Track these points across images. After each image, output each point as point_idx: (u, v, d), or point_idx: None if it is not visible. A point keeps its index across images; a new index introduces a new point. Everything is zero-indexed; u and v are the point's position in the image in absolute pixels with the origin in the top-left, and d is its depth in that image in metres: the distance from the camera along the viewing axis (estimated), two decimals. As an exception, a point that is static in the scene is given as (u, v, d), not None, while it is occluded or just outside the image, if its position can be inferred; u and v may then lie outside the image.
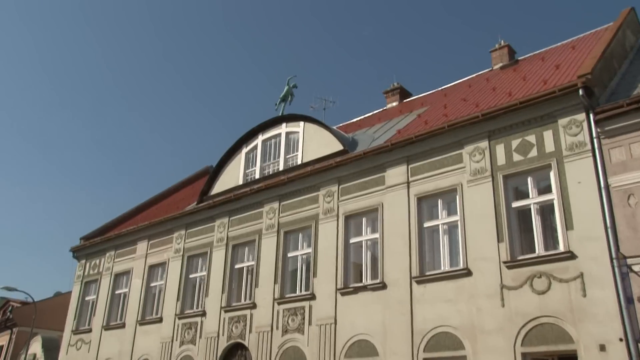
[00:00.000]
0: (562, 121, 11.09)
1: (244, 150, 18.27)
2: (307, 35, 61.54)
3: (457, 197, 12.12)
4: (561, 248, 10.40)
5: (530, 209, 11.21)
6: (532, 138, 11.46)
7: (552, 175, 10.94)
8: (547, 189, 11.11)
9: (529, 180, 11.36)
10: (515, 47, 19.01)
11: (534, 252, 10.84)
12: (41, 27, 59.54)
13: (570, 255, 10.16)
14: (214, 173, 18.81)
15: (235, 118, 59.41)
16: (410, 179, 13.06)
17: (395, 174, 13.40)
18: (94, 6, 59.93)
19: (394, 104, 21.23)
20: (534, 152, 11.33)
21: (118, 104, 61.20)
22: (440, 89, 19.53)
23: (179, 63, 61.66)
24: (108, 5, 59.67)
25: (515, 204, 11.37)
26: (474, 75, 18.80)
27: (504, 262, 10.92)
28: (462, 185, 12.09)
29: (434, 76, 55.20)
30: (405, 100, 21.16)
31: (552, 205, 10.91)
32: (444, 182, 12.43)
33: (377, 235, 13.32)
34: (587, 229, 10.07)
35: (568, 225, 10.38)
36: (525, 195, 11.42)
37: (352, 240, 13.86)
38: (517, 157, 11.55)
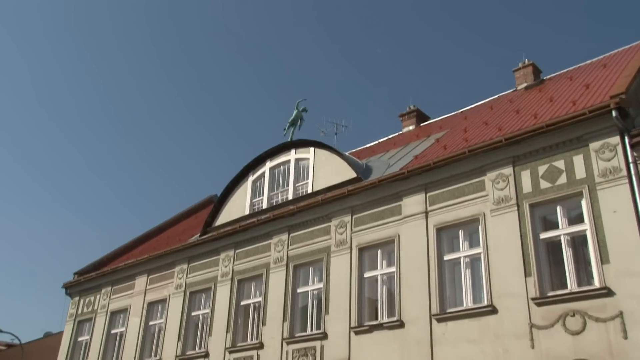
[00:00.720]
0: (594, 145, 10.96)
1: (251, 179, 18.32)
2: (317, 54, 62.06)
3: (480, 227, 11.98)
4: (596, 284, 10.13)
5: (560, 240, 11.01)
6: (560, 164, 11.32)
7: (584, 204, 10.77)
8: (579, 219, 10.93)
9: (559, 209, 11.17)
10: (541, 66, 18.94)
11: (566, 287, 10.59)
12: (34, 47, 60.71)
13: (607, 292, 9.90)
14: (219, 203, 18.82)
15: (241, 144, 59.67)
16: (429, 209, 12.97)
17: (413, 203, 13.32)
18: (93, 29, 61.12)
19: (410, 127, 21.25)
20: (563, 179, 11.17)
21: (114, 128, 61.56)
22: (459, 111, 19.53)
23: (181, 84, 62.36)
24: (107, 26, 60.97)
25: (543, 235, 11.18)
26: (496, 96, 18.80)
27: (533, 299, 10.67)
28: (484, 214, 11.97)
29: (452, 98, 55.23)
30: (422, 124, 21.18)
31: (585, 236, 10.71)
32: (465, 211, 12.31)
33: (393, 269, 13.21)
34: (625, 262, 9.81)
35: (603, 258, 10.14)
36: (554, 225, 11.23)
37: (367, 275, 13.74)
38: (544, 184, 11.41)
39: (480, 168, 12.41)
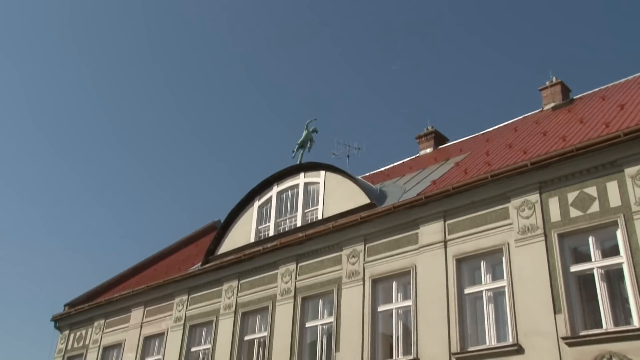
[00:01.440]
0: (630, 170, 10.77)
1: (257, 204, 18.27)
2: (327, 71, 61.83)
3: (504, 258, 11.82)
4: (635, 323, 9.84)
5: (593, 274, 10.77)
6: (592, 190, 11.15)
7: (620, 235, 10.53)
8: (614, 251, 10.69)
9: (591, 240, 10.96)
10: (570, 84, 18.87)
11: (601, 326, 10.29)
12: (31, 70, 61.23)
13: (647, 333, 9.63)
14: (222, 229, 18.80)
15: (247, 167, 59.21)
16: (448, 238, 12.86)
17: (430, 231, 13.22)
18: (89, 40, 61.50)
19: (428, 150, 21.27)
20: (595, 207, 10.98)
21: (109, 144, 61.06)
22: (481, 133, 19.53)
23: (183, 101, 62.15)
24: (106, 41, 61.42)
25: (574, 268, 10.95)
26: (520, 117, 18.77)
27: (564, 339, 10.38)
28: (509, 245, 11.81)
29: (473, 118, 54.54)
30: (440, 147, 21.20)
31: (621, 270, 10.46)
32: (488, 241, 12.16)
33: (409, 303, 13.07)
34: (667, 299, 9.58)
35: (642, 295, 9.89)
36: (586, 257, 11.00)
37: (381, 308, 13.62)
38: (574, 212, 11.22)
39: (504, 194, 12.30)
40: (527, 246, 11.47)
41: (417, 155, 21.30)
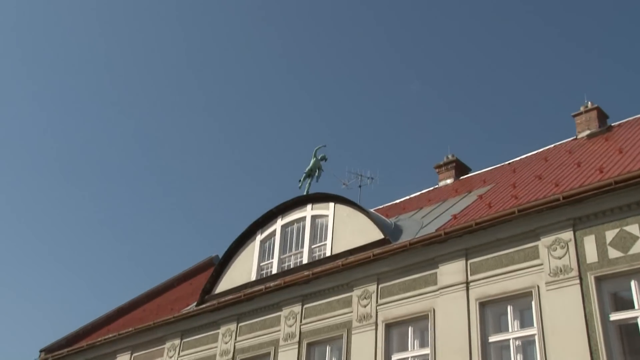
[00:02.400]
0: (677, 207, 10.69)
1: (259, 238, 18.21)
2: (337, 92, 61.32)
3: (533, 303, 11.62)
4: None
5: (636, 323, 10.51)
6: (634, 229, 10.94)
7: (666, 278, 10.38)
8: (660, 296, 10.51)
9: (633, 284, 10.71)
10: (607, 110, 18.72)
11: (645, 383, 9.99)
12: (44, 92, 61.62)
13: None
14: (220, 266, 18.71)
15: (248, 197, 58.25)
16: (470, 279, 12.75)
17: (451, 271, 13.11)
18: (85, 77, 61.84)
19: (448, 181, 21.22)
20: (637, 248, 10.77)
21: (92, 171, 60.44)
22: (507, 162, 19.46)
23: (177, 123, 61.79)
24: (102, 74, 61.61)
25: (614, 316, 10.70)
26: (551, 145, 18.70)
27: (603, 397, 10.12)
28: (539, 288, 11.61)
29: (499, 146, 53.80)
30: (462, 177, 21.15)
31: (669, 318, 10.24)
32: (515, 283, 12.01)
33: (427, 351, 12.89)
34: None
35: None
36: (628, 304, 10.74)
37: (395, 357, 13.43)
38: (614, 253, 11.01)
39: (533, 231, 12.16)
40: (560, 290, 11.30)
41: (436, 186, 21.31)
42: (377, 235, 15.31)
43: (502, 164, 19.58)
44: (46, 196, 60.22)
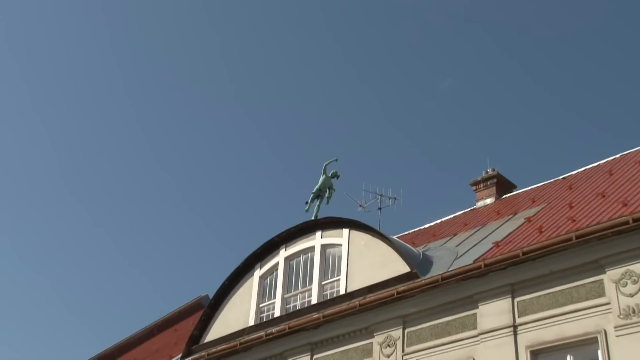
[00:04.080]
0: None
1: (257, 273, 18.16)
2: (351, 92, 59.91)
3: (600, 352, 11.52)
4: None
5: None
6: None
7: None
8: None
9: None
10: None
11: None
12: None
13: None
14: (211, 308, 18.74)
15: (244, 223, 57.46)
16: (518, 321, 12.70)
17: (494, 312, 13.07)
18: (80, 97, 62.26)
19: (488, 201, 20.98)
20: None
21: (53, 192, 60.23)
22: (562, 177, 19.32)
23: (157, 139, 61.33)
24: (91, 96, 61.83)
25: None
26: (617, 155, 18.57)
27: None
28: (606, 333, 11.49)
29: (551, 157, 52.53)
30: (505, 196, 20.94)
31: None
32: (576, 327, 11.89)
33: None
34: None
35: None
36: None
37: None
38: (700, 288, 10.92)
39: (596, 262, 12.08)
40: (634, 335, 11.14)
41: (474, 207, 21.22)
42: (402, 268, 15.19)
43: (556, 178, 19.40)
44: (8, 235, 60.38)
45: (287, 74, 60.45)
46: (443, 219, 21.17)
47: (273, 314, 17.33)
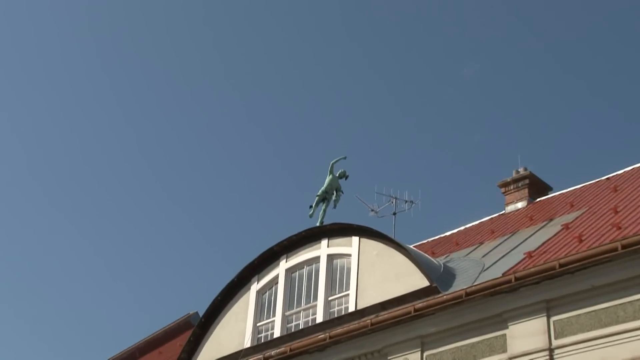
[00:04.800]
0: None
1: (255, 287, 18.20)
2: (361, 78, 59.26)
3: None
4: None
5: None
6: None
7: None
8: None
9: None
10: None
11: None
12: None
13: None
14: (201, 328, 18.74)
15: (240, 230, 57.00)
16: (555, 343, 12.70)
17: (526, 332, 13.05)
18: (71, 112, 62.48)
19: (519, 204, 20.98)
20: None
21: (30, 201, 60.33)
22: (605, 178, 19.32)
23: (145, 136, 61.42)
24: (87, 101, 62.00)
25: None
26: None
27: None
28: None
29: (591, 155, 52.22)
30: (540, 199, 20.91)
31: None
32: (621, 350, 11.85)
33: None
34: None
35: None
36: None
37: None
38: None
39: None
40: None
41: (503, 212, 21.23)
42: (420, 281, 15.19)
43: (598, 179, 19.42)
44: None
45: (287, 59, 60.25)
46: (467, 226, 21.25)
47: (272, 334, 17.31)
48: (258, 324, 17.72)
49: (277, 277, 17.84)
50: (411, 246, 17.23)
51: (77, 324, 56.64)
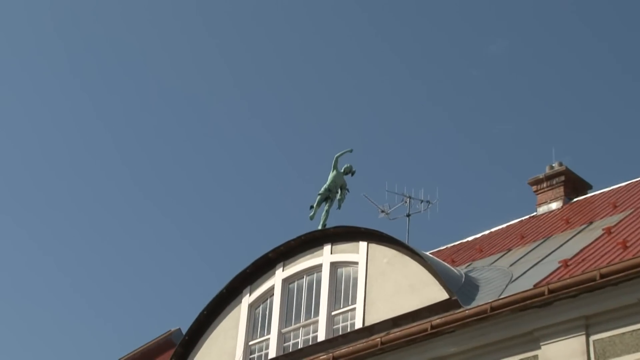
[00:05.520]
0: None
1: (247, 300, 18.27)
2: (370, 60, 58.43)
3: None
4: None
5: None
6: None
7: None
8: None
9: None
10: None
11: None
12: None
13: None
14: (184, 347, 18.82)
15: (231, 234, 56.68)
16: None
17: (562, 353, 13.05)
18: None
19: (554, 205, 21.06)
20: None
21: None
22: None
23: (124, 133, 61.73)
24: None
25: None
26: None
27: None
28: None
29: (637, 149, 51.98)
30: (577, 199, 21.02)
31: None
32: None
33: None
34: None
35: None
36: None
37: None
38: None
39: None
40: None
41: (534, 214, 21.32)
42: (438, 294, 15.24)
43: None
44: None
45: (286, 30, 60.32)
46: (492, 230, 21.40)
47: (267, 355, 17.38)
48: (250, 343, 17.78)
49: (272, 288, 17.90)
50: (428, 253, 17.29)
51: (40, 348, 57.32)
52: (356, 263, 16.86)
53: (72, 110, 61.88)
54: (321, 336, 16.63)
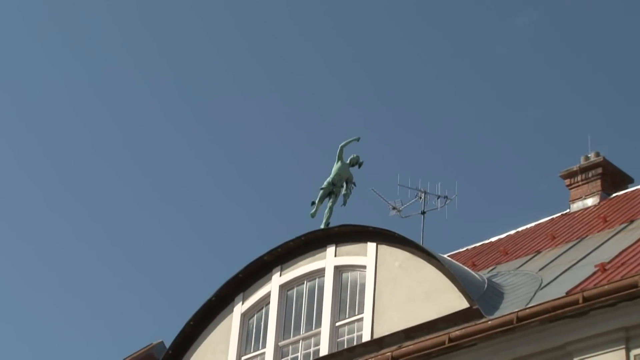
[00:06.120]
0: None
1: (239, 309, 18.34)
2: (379, 37, 57.95)
3: None
4: None
5: None
6: None
7: None
8: None
9: None
10: None
11: None
12: None
13: None
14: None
15: (222, 235, 56.75)
16: None
17: None
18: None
19: (589, 201, 21.12)
20: None
21: None
22: None
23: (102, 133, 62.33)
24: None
25: None
26: None
27: None
28: None
29: None
30: (616, 194, 21.06)
31: None
32: None
33: None
34: None
35: None
36: None
37: None
38: None
39: None
40: None
41: (567, 211, 21.49)
42: (458, 302, 15.29)
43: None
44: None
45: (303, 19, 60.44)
46: (519, 229, 21.55)
47: (263, 370, 17.31)
48: (243, 358, 17.85)
49: (268, 295, 17.98)
50: (445, 256, 17.40)
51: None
52: (364, 267, 16.94)
53: (72, 109, 62.97)
54: (324, 350, 16.69)
